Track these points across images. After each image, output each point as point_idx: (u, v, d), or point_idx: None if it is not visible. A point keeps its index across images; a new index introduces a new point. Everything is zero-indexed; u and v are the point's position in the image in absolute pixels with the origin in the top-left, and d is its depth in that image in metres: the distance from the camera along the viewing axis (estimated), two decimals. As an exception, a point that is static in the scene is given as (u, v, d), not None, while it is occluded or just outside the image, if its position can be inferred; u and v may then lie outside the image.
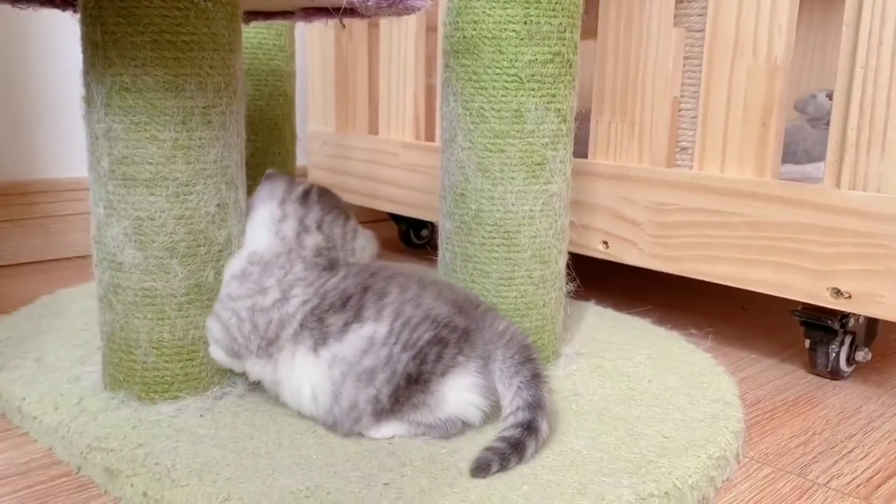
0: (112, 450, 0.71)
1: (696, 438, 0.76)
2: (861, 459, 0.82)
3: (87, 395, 0.81)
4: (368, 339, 0.72)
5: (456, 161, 0.88)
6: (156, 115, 0.75)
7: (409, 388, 0.72)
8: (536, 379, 0.73)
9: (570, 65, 0.86)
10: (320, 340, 0.73)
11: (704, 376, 0.93)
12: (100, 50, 0.74)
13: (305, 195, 0.82)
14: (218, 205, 0.79)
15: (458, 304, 0.76)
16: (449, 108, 0.89)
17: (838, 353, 1.01)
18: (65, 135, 1.47)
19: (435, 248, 1.59)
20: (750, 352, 1.13)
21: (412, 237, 1.67)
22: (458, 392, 0.73)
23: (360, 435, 0.75)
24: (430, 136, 1.44)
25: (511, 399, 0.72)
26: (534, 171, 0.86)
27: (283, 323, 0.75)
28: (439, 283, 0.81)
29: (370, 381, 0.72)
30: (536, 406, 0.72)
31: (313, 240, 0.79)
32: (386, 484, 0.67)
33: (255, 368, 0.79)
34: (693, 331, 1.01)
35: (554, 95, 0.85)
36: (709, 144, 1.05)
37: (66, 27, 1.37)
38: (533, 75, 0.84)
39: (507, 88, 0.84)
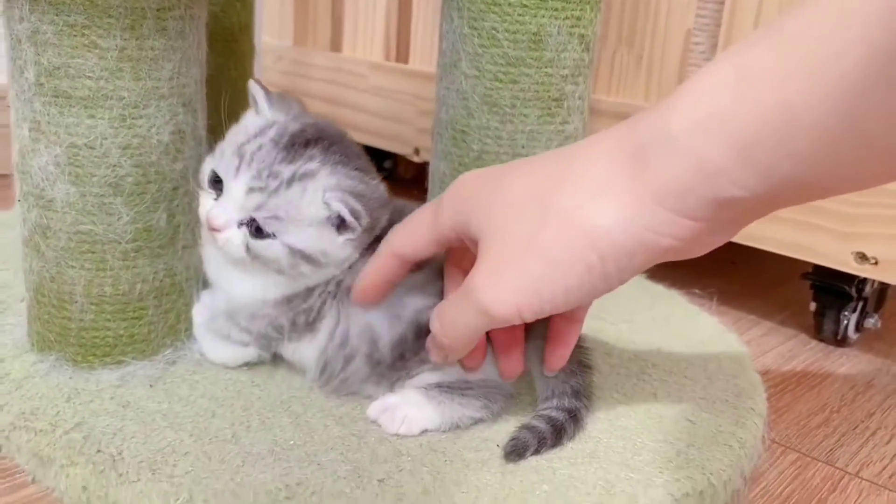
0: (42, 430, 0.58)
1: (723, 424, 0.68)
2: (887, 443, 0.76)
3: (10, 356, 0.67)
4: None
5: (458, 91, 0.75)
6: (97, 17, 0.59)
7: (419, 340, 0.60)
8: (584, 368, 0.65)
9: (598, -17, 0.73)
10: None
11: (716, 345, 0.84)
12: (22, -75, 0.58)
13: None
14: (172, 132, 0.64)
15: None
16: (452, 27, 0.75)
17: (849, 320, 0.94)
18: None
19: (402, 181, 1.46)
20: (746, 311, 1.05)
21: (374, 167, 1.52)
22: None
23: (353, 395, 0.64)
24: (402, 57, 1.29)
25: (556, 383, 0.63)
26: (549, 108, 0.74)
27: (323, 304, 0.63)
28: None
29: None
30: (584, 395, 0.63)
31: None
32: (381, 480, 0.56)
33: (293, 347, 0.66)
34: (696, 290, 0.93)
35: (579, 18, 0.72)
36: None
37: None
38: (557, -7, 0.71)
39: (525, 6, 0.71)
